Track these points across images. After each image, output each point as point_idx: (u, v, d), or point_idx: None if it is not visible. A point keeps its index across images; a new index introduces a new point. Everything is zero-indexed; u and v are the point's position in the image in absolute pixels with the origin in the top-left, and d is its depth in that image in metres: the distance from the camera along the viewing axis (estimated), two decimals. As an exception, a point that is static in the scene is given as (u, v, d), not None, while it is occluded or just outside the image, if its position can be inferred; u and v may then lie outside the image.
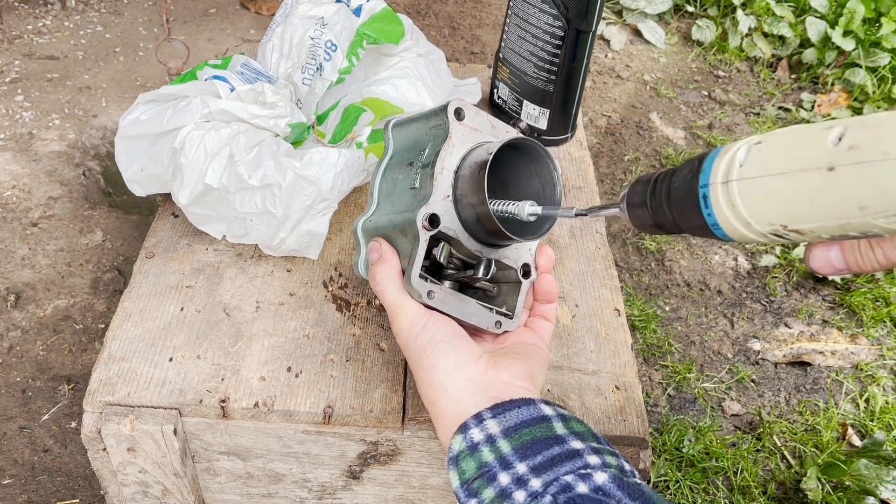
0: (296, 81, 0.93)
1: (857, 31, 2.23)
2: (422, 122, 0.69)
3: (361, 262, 0.70)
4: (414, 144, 0.69)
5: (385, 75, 0.96)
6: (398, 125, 0.71)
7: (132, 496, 0.79)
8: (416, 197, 0.65)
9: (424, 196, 0.64)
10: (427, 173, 0.65)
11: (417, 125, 0.69)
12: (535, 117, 1.04)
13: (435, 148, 0.65)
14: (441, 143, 0.65)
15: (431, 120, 0.67)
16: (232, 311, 0.81)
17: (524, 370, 0.61)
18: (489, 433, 0.55)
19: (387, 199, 0.70)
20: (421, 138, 0.68)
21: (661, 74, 2.23)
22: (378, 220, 0.68)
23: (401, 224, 0.65)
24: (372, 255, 0.66)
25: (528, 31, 0.98)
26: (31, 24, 2.03)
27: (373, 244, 0.67)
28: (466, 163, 0.65)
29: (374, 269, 0.65)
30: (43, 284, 1.39)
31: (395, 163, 0.71)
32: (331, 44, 0.92)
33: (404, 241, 0.65)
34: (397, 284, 0.64)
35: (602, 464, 0.52)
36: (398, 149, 0.71)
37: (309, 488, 0.81)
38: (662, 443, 1.32)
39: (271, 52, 0.96)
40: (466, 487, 0.55)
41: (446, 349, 0.61)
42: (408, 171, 0.68)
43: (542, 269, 0.70)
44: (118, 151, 0.87)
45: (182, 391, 0.73)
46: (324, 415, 0.72)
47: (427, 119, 0.68)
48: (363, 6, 0.94)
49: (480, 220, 0.63)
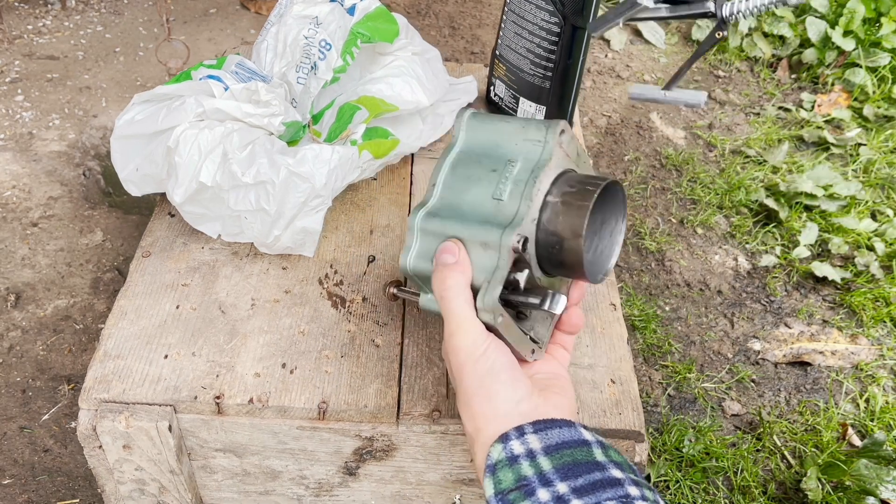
0: (290, 80, 0.93)
1: (857, 31, 2.23)
2: (513, 128, 0.65)
3: (413, 256, 0.64)
4: (496, 149, 0.65)
5: (380, 74, 0.96)
6: (478, 118, 0.67)
7: (129, 494, 0.79)
8: (500, 210, 0.61)
9: (513, 214, 0.61)
10: (519, 190, 0.61)
11: (506, 129, 0.65)
12: (531, 114, 1.04)
13: (529, 165, 0.62)
14: (540, 162, 0.62)
15: (529, 132, 0.64)
16: (227, 309, 0.81)
17: (568, 407, 0.61)
18: (529, 448, 0.55)
19: (454, 196, 0.64)
20: (508, 146, 0.64)
21: (661, 74, 2.23)
22: (447, 219, 0.63)
23: (483, 236, 0.61)
24: (446, 256, 0.61)
25: (525, 28, 0.98)
26: (31, 24, 2.04)
27: (449, 245, 0.61)
28: (556, 189, 0.62)
29: (445, 273, 0.60)
30: (43, 284, 1.39)
31: (467, 159, 0.66)
32: (325, 43, 0.92)
33: (482, 254, 0.61)
34: (466, 297, 0.60)
35: (641, 496, 0.52)
36: (472, 145, 0.66)
37: (306, 485, 0.81)
38: (662, 443, 1.31)
39: (266, 52, 0.96)
40: (501, 497, 0.54)
41: (507, 381, 0.59)
42: (489, 176, 0.63)
43: (573, 300, 0.68)
44: (114, 151, 0.88)
45: (177, 388, 0.73)
46: (318, 410, 0.72)
47: (523, 129, 0.64)
48: (357, 5, 0.94)
49: (563, 253, 0.61)
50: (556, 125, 0.63)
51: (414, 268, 0.65)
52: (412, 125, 1.00)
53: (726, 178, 1.87)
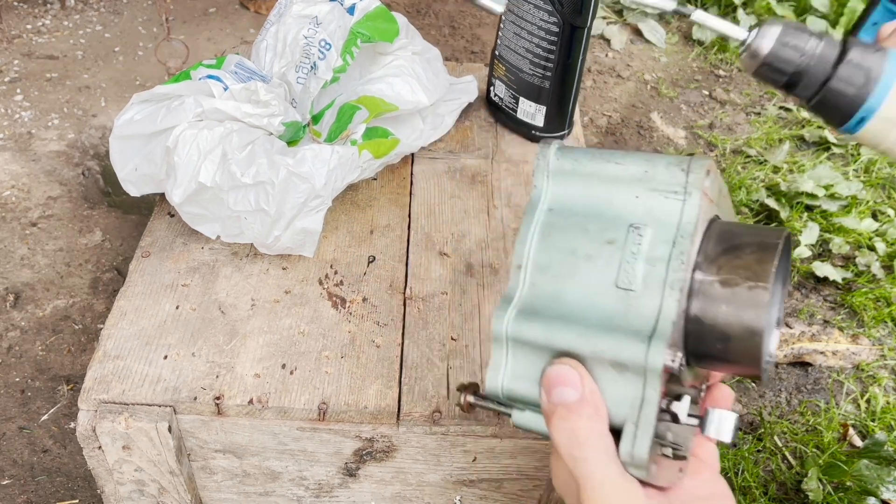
0: (290, 80, 0.93)
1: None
2: (631, 172, 0.44)
3: (507, 377, 0.46)
4: (607, 206, 0.45)
5: (380, 73, 0.96)
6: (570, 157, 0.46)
7: (129, 495, 0.79)
8: (631, 306, 0.42)
9: (655, 314, 0.41)
10: (659, 276, 0.41)
11: (619, 175, 0.45)
12: (531, 114, 1.04)
13: (667, 232, 0.42)
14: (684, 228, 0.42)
15: (658, 177, 0.43)
16: (227, 309, 0.81)
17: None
18: None
19: (555, 283, 0.45)
20: (626, 201, 0.44)
21: (661, 74, 2.23)
22: (551, 323, 0.44)
23: (613, 352, 0.41)
24: (564, 391, 0.41)
25: (524, 28, 0.98)
26: (30, 23, 2.03)
27: (565, 372, 0.42)
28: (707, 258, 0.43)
29: (572, 421, 0.41)
30: (42, 284, 1.39)
31: (565, 224, 0.45)
32: (325, 42, 0.92)
33: (615, 378, 0.42)
34: (610, 451, 0.41)
35: None
36: (568, 201, 0.46)
37: (306, 486, 0.80)
38: (662, 442, 1.31)
39: (265, 52, 0.95)
40: None
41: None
42: (605, 252, 0.44)
43: (716, 376, 0.50)
44: (113, 151, 0.88)
45: (177, 388, 0.73)
46: (318, 411, 0.72)
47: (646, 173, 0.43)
48: (357, 5, 0.94)
49: (729, 353, 0.43)
50: (700, 166, 0.43)
51: (510, 392, 0.46)
52: (412, 125, 0.99)
53: (727, 177, 1.87)
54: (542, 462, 0.76)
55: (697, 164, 0.43)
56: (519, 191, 0.99)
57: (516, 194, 0.98)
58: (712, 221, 0.45)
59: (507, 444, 0.74)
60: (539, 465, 0.76)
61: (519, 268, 0.46)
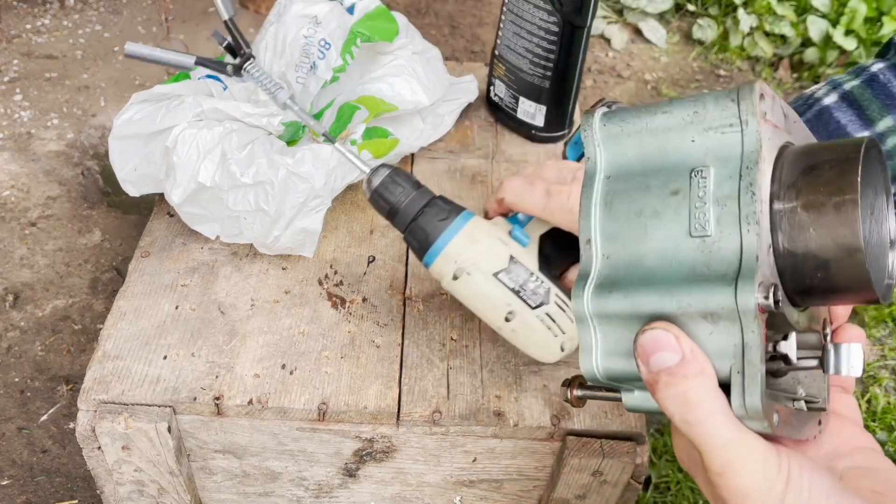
0: (289, 80, 0.93)
1: (858, 30, 2.22)
2: (679, 118, 0.42)
3: (600, 357, 0.43)
4: (664, 158, 0.42)
5: (380, 73, 0.96)
6: (615, 120, 0.44)
7: (128, 495, 0.79)
8: (710, 252, 0.40)
9: (736, 253, 0.39)
10: (731, 212, 0.39)
11: (670, 124, 0.42)
12: (531, 114, 1.04)
13: (731, 166, 0.40)
14: (748, 156, 0.39)
15: (708, 116, 0.41)
16: (227, 310, 0.81)
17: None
18: None
19: (627, 249, 0.43)
20: (682, 148, 0.42)
21: (662, 74, 2.23)
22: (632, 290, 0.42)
23: (702, 303, 0.39)
24: (664, 356, 0.38)
25: (524, 28, 0.98)
26: (29, 23, 2.03)
27: (658, 336, 0.39)
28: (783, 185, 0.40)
29: (679, 385, 0.38)
30: (41, 284, 1.39)
31: (625, 188, 0.43)
32: (324, 42, 0.92)
33: (710, 330, 0.39)
34: (725, 409, 0.38)
35: None
36: (624, 164, 0.44)
37: (305, 487, 0.80)
38: (663, 444, 1.31)
39: (265, 51, 0.95)
40: None
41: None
42: (671, 203, 0.41)
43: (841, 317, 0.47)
44: (112, 151, 0.87)
45: (176, 389, 0.73)
46: (318, 411, 0.72)
47: (696, 114, 0.41)
48: (356, 4, 0.94)
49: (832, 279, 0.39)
50: (750, 91, 0.40)
51: (607, 372, 0.43)
52: (412, 125, 0.99)
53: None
54: (542, 463, 0.76)
55: (746, 90, 0.40)
56: (519, 190, 0.99)
57: (516, 194, 0.98)
58: (784, 148, 0.42)
59: (507, 445, 0.74)
60: (539, 465, 0.76)
61: (588, 243, 0.43)
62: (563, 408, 0.74)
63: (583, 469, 0.72)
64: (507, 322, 0.70)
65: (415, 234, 0.71)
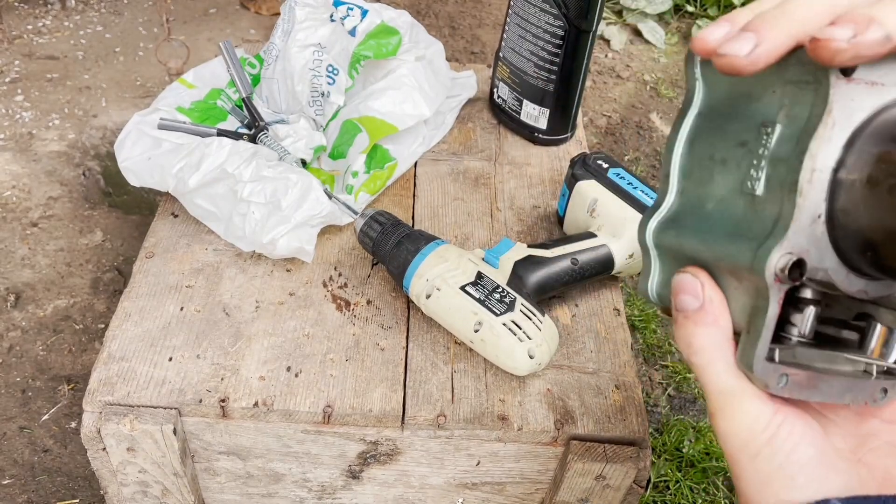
0: (309, 115, 0.96)
1: (857, 32, 2.23)
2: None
3: (656, 284, 0.44)
4: (746, 104, 0.39)
5: (382, 85, 0.96)
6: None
7: (132, 496, 0.79)
8: (755, 211, 0.38)
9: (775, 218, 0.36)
10: (782, 176, 0.36)
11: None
12: (534, 117, 1.04)
13: (795, 127, 0.36)
14: (811, 120, 0.35)
15: (790, 67, 0.36)
16: (231, 311, 0.81)
17: None
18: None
19: (697, 189, 0.42)
20: (763, 96, 0.38)
21: (661, 74, 2.23)
22: (684, 230, 0.42)
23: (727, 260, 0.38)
24: (686, 298, 0.40)
25: (529, 31, 0.98)
26: (30, 23, 2.03)
27: (687, 280, 0.40)
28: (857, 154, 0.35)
29: (688, 327, 0.40)
30: (43, 284, 1.39)
31: (710, 127, 0.42)
32: (332, 68, 0.94)
33: (734, 286, 0.39)
34: (728, 360, 0.39)
35: None
36: (715, 102, 0.42)
37: (309, 488, 0.80)
38: (662, 443, 1.31)
39: (278, 93, 0.98)
40: None
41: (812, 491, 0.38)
42: (737, 154, 0.39)
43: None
44: (125, 133, 0.90)
45: (181, 391, 0.73)
46: (323, 414, 0.72)
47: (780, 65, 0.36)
48: (357, 27, 0.95)
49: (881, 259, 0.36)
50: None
51: (659, 296, 0.45)
52: (415, 131, 1.00)
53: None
54: (545, 466, 0.76)
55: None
56: (522, 193, 0.99)
57: (519, 197, 0.98)
58: (878, 114, 0.36)
59: (510, 449, 0.74)
60: (542, 469, 0.76)
61: (667, 176, 0.43)
62: (567, 412, 0.74)
63: (586, 473, 0.73)
64: (477, 333, 0.74)
65: (394, 262, 0.79)
